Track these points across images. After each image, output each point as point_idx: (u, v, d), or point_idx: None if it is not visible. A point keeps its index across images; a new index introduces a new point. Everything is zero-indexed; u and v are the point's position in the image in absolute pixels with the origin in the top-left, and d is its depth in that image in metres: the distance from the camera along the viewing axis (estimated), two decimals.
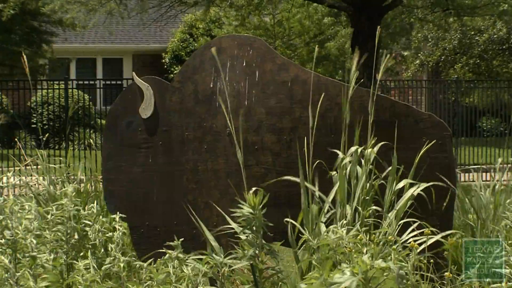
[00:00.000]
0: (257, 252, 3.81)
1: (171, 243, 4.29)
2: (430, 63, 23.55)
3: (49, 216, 4.74)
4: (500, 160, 5.58)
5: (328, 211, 4.48)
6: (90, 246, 4.80)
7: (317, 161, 4.66)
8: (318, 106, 4.74)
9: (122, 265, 4.25)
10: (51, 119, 18.04)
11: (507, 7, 15.27)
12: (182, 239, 4.33)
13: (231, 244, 4.32)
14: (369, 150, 4.46)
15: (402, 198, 4.40)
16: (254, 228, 3.79)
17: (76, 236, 4.75)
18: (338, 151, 4.58)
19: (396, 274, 2.30)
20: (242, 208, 3.81)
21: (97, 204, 5.43)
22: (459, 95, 16.49)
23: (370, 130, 4.63)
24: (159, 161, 5.14)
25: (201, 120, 5.06)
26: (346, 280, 2.21)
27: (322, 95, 4.80)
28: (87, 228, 4.86)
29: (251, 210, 3.77)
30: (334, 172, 4.55)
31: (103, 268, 4.33)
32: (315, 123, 4.74)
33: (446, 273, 3.92)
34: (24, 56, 6.21)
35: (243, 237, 3.84)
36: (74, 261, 4.61)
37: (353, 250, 3.75)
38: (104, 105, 14.73)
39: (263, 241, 3.92)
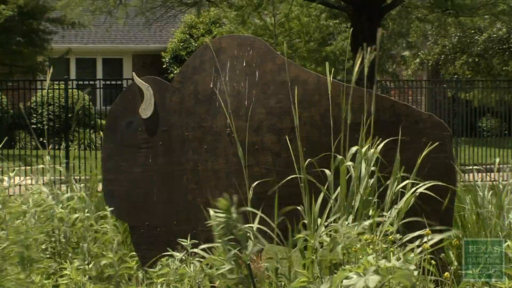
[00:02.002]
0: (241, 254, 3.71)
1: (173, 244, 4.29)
2: (430, 61, 23.53)
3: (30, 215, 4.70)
4: (498, 160, 5.56)
5: (329, 214, 4.46)
6: (74, 245, 4.75)
7: (317, 161, 4.65)
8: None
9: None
10: (51, 119, 18.03)
11: (506, 7, 15.28)
12: (182, 239, 4.32)
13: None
14: (372, 150, 4.44)
15: (403, 198, 4.39)
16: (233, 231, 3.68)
17: (60, 235, 4.72)
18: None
19: (408, 271, 2.29)
20: (216, 217, 3.70)
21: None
22: (458, 93, 16.47)
23: (372, 130, 4.62)
24: (159, 161, 5.14)
25: (201, 120, 5.06)
26: (358, 282, 2.19)
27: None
28: (63, 227, 4.80)
29: (225, 215, 3.68)
30: (329, 172, 4.52)
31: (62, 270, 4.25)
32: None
33: (446, 274, 3.91)
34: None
35: (221, 244, 3.72)
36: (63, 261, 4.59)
37: (357, 250, 3.73)
38: (104, 105, 14.73)
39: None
